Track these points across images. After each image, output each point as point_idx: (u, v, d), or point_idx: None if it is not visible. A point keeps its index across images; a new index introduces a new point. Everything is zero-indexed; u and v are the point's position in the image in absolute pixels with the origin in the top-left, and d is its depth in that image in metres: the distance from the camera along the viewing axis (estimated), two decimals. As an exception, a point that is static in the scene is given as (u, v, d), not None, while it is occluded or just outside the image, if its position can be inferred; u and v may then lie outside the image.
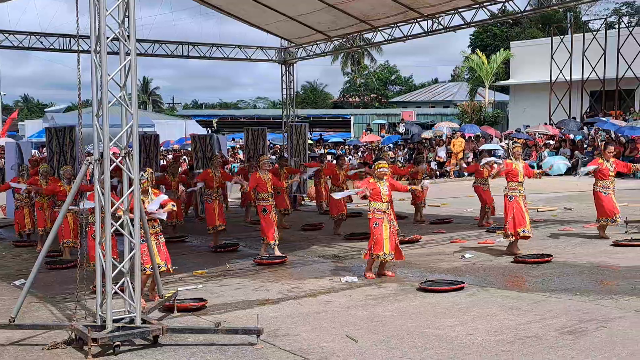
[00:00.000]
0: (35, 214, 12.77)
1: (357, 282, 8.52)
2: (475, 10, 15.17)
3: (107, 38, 5.91)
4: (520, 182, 9.91)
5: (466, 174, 24.89)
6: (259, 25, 18.97)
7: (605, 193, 10.92)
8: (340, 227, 12.90)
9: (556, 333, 6.05)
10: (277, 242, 10.46)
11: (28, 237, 12.99)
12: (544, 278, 8.37)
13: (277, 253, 10.40)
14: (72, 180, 10.88)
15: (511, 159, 10.05)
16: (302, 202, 18.37)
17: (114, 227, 6.09)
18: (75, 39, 15.10)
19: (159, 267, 7.53)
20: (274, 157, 27.28)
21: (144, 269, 7.29)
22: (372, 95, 60.46)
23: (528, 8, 15.34)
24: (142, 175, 7.18)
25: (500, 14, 15.43)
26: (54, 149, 15.08)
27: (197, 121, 45.18)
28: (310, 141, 32.27)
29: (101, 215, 6.17)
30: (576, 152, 23.65)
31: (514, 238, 9.85)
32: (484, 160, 13.03)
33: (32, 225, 12.97)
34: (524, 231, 9.79)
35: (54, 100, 78.09)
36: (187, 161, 25.41)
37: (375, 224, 8.62)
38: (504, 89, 40.30)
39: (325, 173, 15.47)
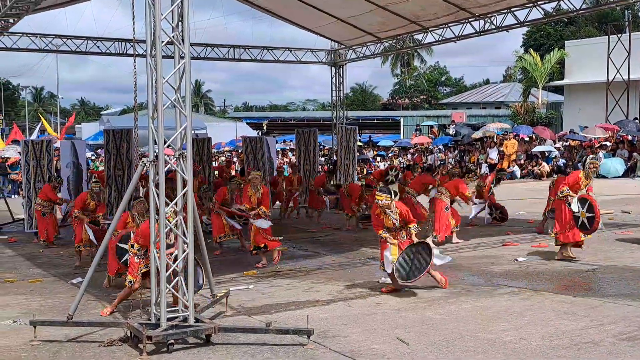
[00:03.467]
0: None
1: (407, 284, 8.43)
2: (528, 9, 14.87)
3: (162, 42, 6.04)
4: None
5: (518, 175, 24.46)
6: (310, 28, 19.06)
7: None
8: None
9: (614, 339, 5.88)
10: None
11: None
12: (601, 283, 8.15)
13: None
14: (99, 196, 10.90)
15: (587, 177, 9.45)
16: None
17: (168, 227, 6.21)
18: (131, 43, 15.49)
19: (130, 282, 7.35)
20: (323, 159, 27.34)
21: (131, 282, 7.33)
22: (421, 97, 59.94)
23: (584, 6, 14.98)
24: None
25: (554, 13, 15.04)
26: (111, 151, 15.45)
27: (247, 123, 45.65)
28: (359, 143, 32.25)
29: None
30: (634, 154, 22.92)
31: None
32: None
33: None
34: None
35: (110, 103, 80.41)
36: (236, 164, 25.73)
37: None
38: (558, 89, 39.34)
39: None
